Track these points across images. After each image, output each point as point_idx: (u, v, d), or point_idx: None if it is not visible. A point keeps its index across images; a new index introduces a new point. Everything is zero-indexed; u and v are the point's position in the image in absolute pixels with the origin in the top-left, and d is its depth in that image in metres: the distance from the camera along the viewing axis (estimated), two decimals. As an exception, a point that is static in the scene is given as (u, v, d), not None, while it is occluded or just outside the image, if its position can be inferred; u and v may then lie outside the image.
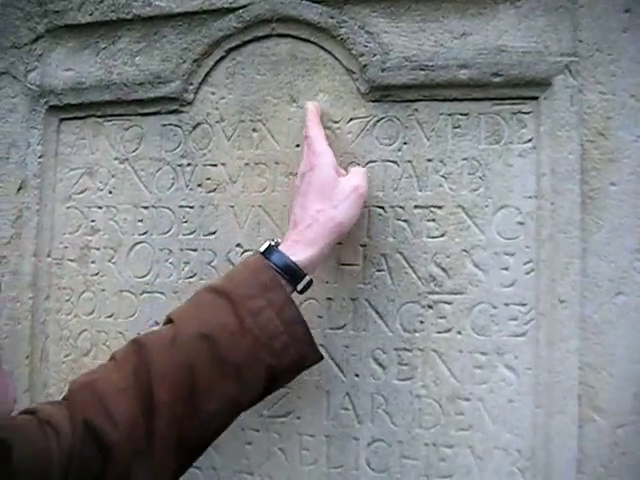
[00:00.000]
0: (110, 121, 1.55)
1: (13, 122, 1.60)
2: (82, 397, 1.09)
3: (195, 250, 1.46)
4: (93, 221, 1.55)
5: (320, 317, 1.39)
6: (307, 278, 1.20)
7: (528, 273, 1.29)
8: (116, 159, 1.54)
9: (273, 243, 1.20)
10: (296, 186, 1.27)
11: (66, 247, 1.56)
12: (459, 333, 1.32)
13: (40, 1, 1.58)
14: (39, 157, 1.57)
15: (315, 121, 1.30)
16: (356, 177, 1.25)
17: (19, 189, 1.57)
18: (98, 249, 1.54)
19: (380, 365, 1.35)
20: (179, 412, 1.08)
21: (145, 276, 1.50)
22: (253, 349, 1.11)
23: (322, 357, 1.23)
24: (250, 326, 1.10)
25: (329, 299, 1.39)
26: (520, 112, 1.32)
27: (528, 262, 1.30)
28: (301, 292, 1.22)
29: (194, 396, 1.09)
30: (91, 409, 1.06)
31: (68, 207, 1.57)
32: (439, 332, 1.33)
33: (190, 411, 1.09)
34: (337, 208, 1.20)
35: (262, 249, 1.20)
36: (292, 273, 1.16)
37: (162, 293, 1.47)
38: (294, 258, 1.16)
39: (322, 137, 1.28)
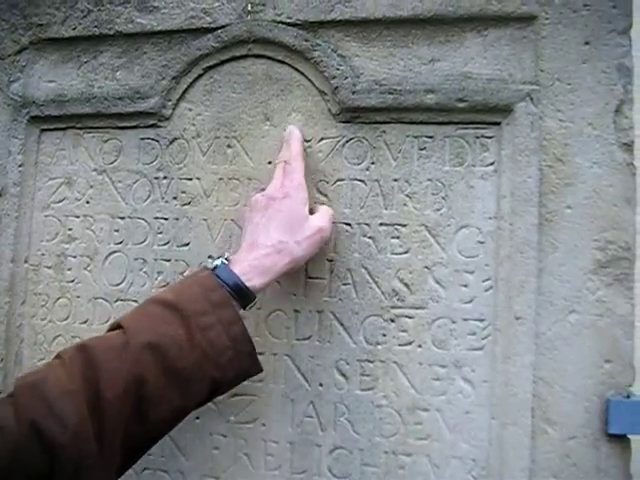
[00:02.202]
0: (90, 133, 1.60)
1: (-5, 131, 1.65)
2: (29, 397, 1.09)
3: (169, 260, 1.51)
4: (70, 229, 1.59)
5: (287, 328, 1.43)
6: (255, 301, 1.26)
7: (487, 290, 1.35)
8: (94, 170, 1.58)
9: (225, 261, 1.24)
10: (259, 203, 1.30)
11: (43, 254, 1.60)
12: (419, 346, 1.37)
13: (25, 14, 1.62)
14: (19, 166, 1.61)
15: (299, 151, 1.36)
16: (322, 219, 1.32)
17: (-1, 196, 1.63)
18: (74, 257, 1.58)
19: (343, 375, 1.40)
20: (126, 416, 1.10)
21: (120, 284, 1.54)
22: (201, 362, 1.15)
23: (262, 369, 1.27)
24: (199, 341, 1.15)
25: (296, 311, 1.43)
26: (483, 136, 1.38)
27: (487, 280, 1.35)
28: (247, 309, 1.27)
29: (142, 403, 1.11)
30: (38, 410, 1.06)
31: (46, 215, 1.61)
32: (400, 345, 1.38)
33: (137, 416, 1.11)
34: (299, 245, 1.26)
35: (212, 266, 1.24)
36: (243, 295, 1.21)
37: (135, 301, 1.51)
38: (249, 283, 1.21)
39: (302, 169, 1.34)
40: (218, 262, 1.25)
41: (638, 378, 1.34)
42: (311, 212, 1.33)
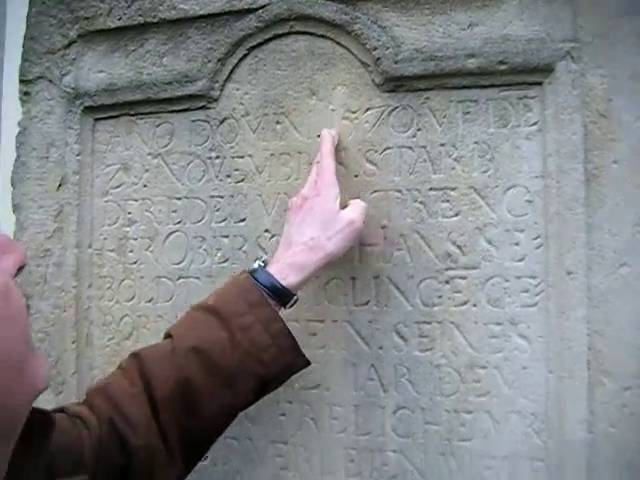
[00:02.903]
0: (142, 119, 1.66)
1: (51, 123, 1.71)
2: (100, 400, 1.17)
3: (227, 237, 1.56)
4: (130, 213, 1.66)
5: (345, 295, 1.48)
6: (295, 298, 1.30)
7: (537, 248, 1.38)
8: (149, 154, 1.65)
9: (262, 264, 1.29)
10: (295, 206, 1.35)
11: (105, 238, 1.67)
12: (474, 306, 1.41)
13: (71, 8, 1.69)
14: (77, 155, 1.68)
15: (329, 150, 1.39)
16: (354, 211, 1.35)
17: (59, 186, 1.69)
18: (135, 239, 1.65)
19: (402, 338, 1.45)
20: (177, 414, 1.17)
21: (180, 263, 1.61)
22: (244, 361, 1.20)
23: (309, 363, 1.31)
24: (240, 340, 1.20)
25: (353, 278, 1.48)
26: (526, 97, 1.40)
27: (537, 237, 1.38)
28: (288, 307, 1.31)
29: (191, 401, 1.18)
30: (111, 412, 1.14)
31: (106, 201, 1.68)
32: (456, 305, 1.42)
33: (188, 414, 1.18)
34: (330, 240, 1.29)
35: (250, 269, 1.30)
36: (279, 294, 1.26)
37: (197, 278, 1.58)
38: (284, 282, 1.25)
39: (333, 168, 1.37)
40: (256, 265, 1.30)
41: None
42: (345, 207, 1.37)
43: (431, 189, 1.45)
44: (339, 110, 1.50)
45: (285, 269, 1.27)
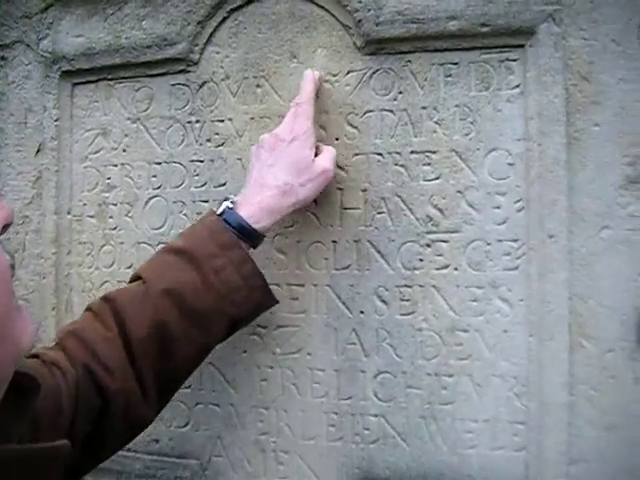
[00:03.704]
0: (121, 83, 1.65)
1: (29, 88, 1.70)
2: (75, 344, 1.18)
3: (207, 201, 1.56)
4: (109, 179, 1.66)
5: (326, 259, 1.49)
6: (263, 238, 1.33)
7: (519, 211, 1.39)
8: (128, 119, 1.64)
9: (231, 205, 1.30)
10: (268, 145, 1.36)
11: (85, 204, 1.67)
12: (456, 269, 1.42)
13: (49, -30, 1.69)
14: (55, 120, 1.67)
15: (310, 94, 1.39)
16: (327, 159, 1.37)
17: (37, 151, 1.68)
18: (115, 205, 1.65)
19: (383, 302, 1.46)
20: (154, 356, 1.20)
21: (161, 228, 1.61)
22: (217, 302, 1.24)
23: (277, 301, 1.37)
24: (213, 282, 1.23)
25: (334, 242, 1.49)
26: (507, 60, 1.40)
27: (518, 200, 1.39)
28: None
29: (166, 343, 1.21)
30: (86, 356, 1.16)
31: (85, 167, 1.68)
32: (437, 269, 1.43)
33: (164, 356, 1.21)
34: (304, 186, 1.31)
35: (220, 210, 1.31)
36: (250, 236, 1.29)
37: None
38: (256, 225, 1.28)
39: (311, 114, 1.37)
40: (224, 206, 1.31)
41: None
42: (317, 153, 1.39)
43: (412, 152, 1.45)
44: (320, 73, 1.49)
45: (257, 213, 1.29)
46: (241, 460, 1.56)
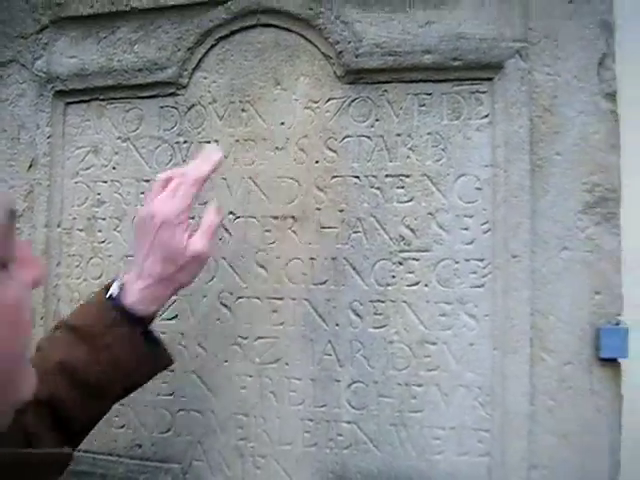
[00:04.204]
0: (112, 104, 1.75)
1: (23, 106, 1.79)
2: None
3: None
4: (99, 194, 1.75)
5: (304, 274, 1.59)
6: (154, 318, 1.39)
7: (485, 232, 1.51)
8: (119, 138, 1.74)
9: (118, 287, 1.34)
10: (146, 225, 1.33)
11: (75, 218, 1.76)
12: (426, 286, 1.53)
13: (44, -6, 1.79)
14: (48, 137, 1.76)
15: (203, 176, 1.38)
16: (200, 241, 1.35)
17: (30, 167, 1.77)
18: (104, 219, 1.73)
19: (357, 315, 1.56)
20: (49, 423, 1.23)
21: None
22: (109, 375, 1.28)
23: (172, 361, 1.42)
24: (103, 357, 1.27)
25: (312, 259, 1.59)
26: (477, 92, 1.52)
27: (485, 223, 1.51)
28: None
29: (61, 414, 1.24)
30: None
31: (76, 182, 1.76)
32: (409, 285, 1.54)
33: (59, 425, 1.24)
34: (183, 271, 1.33)
35: (109, 293, 1.34)
36: (137, 319, 1.32)
37: None
38: (141, 313, 1.31)
39: (192, 194, 1.36)
40: (114, 287, 1.34)
41: (626, 307, 1.49)
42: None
43: (387, 176, 1.56)
44: (302, 100, 1.60)
45: (140, 300, 1.31)
46: (220, 464, 1.64)
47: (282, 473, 1.60)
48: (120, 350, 1.28)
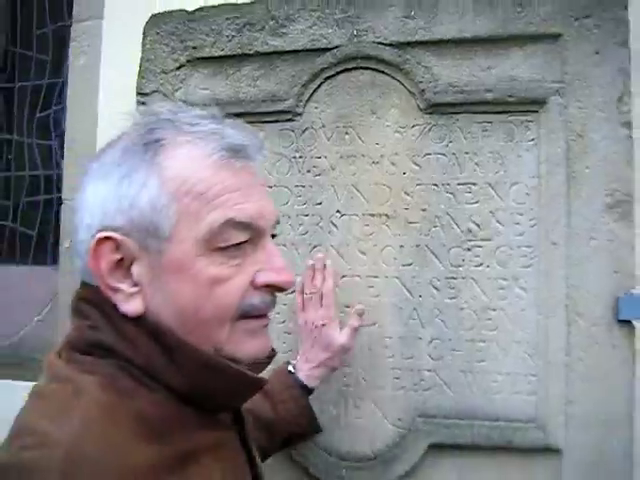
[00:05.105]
0: None
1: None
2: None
3: (307, 215, 2.20)
4: None
5: (395, 258, 2.13)
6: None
7: (532, 227, 2.04)
8: None
9: (292, 368, 1.91)
10: (307, 330, 1.94)
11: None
12: (488, 266, 2.06)
13: (181, 39, 2.34)
14: None
15: (332, 286, 2.00)
16: (346, 336, 1.95)
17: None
18: None
19: (436, 289, 2.10)
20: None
21: None
22: (280, 421, 1.78)
23: (321, 429, 1.97)
24: (279, 409, 1.80)
25: (401, 246, 2.13)
26: (526, 121, 2.07)
27: (532, 219, 2.04)
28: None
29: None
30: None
31: None
32: (475, 266, 2.07)
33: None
34: (334, 357, 1.92)
35: (289, 368, 1.91)
36: (306, 388, 1.90)
37: (284, 245, 2.19)
38: (310, 385, 1.89)
39: (334, 301, 1.99)
40: (291, 368, 1.91)
41: (637, 282, 2.02)
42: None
43: (458, 184, 2.11)
44: (393, 126, 2.17)
45: (307, 378, 1.87)
46: (328, 405, 2.14)
47: (377, 411, 2.13)
48: (293, 404, 1.78)
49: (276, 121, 2.28)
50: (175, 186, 0.97)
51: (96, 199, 1.00)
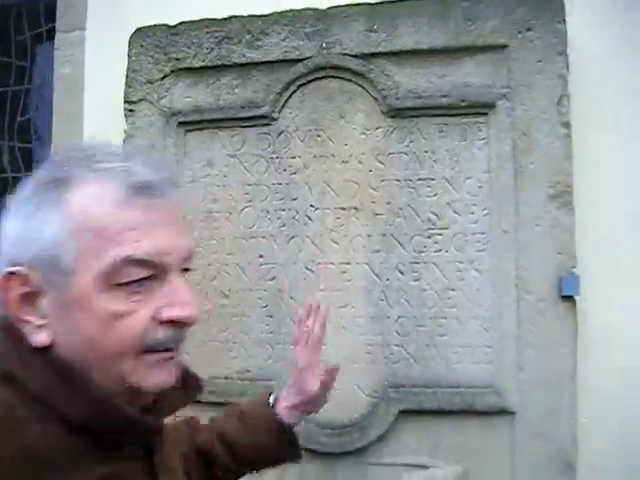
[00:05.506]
0: (222, 131, 2.58)
1: (152, 133, 2.62)
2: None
3: (284, 210, 2.49)
4: (213, 194, 2.56)
5: (364, 247, 2.43)
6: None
7: (485, 215, 2.36)
8: (227, 155, 2.56)
9: (272, 400, 1.71)
10: (294, 372, 1.70)
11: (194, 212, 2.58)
12: (446, 251, 2.38)
13: (165, 51, 2.62)
14: (174, 155, 2.58)
15: (323, 327, 1.73)
16: (320, 387, 1.69)
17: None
18: (219, 212, 2.55)
19: (401, 273, 2.41)
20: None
21: (251, 227, 2.52)
22: (259, 449, 1.64)
23: (301, 457, 1.75)
24: (249, 433, 1.65)
25: (369, 235, 2.43)
26: (478, 122, 2.40)
27: (485, 209, 2.36)
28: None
29: (210, 465, 1.59)
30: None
31: (195, 186, 2.59)
32: (435, 251, 2.39)
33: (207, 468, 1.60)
34: (309, 404, 1.69)
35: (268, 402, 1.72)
36: (281, 423, 1.67)
37: (263, 237, 2.50)
38: (286, 421, 1.66)
39: (321, 343, 1.74)
40: (272, 400, 1.71)
41: (578, 262, 2.31)
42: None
43: (419, 179, 2.43)
44: (359, 128, 2.47)
45: (284, 415, 1.66)
46: None
47: (352, 384, 2.42)
48: (264, 434, 1.63)
49: (254, 125, 2.57)
50: (76, 223, 0.98)
51: (10, 233, 1.02)
